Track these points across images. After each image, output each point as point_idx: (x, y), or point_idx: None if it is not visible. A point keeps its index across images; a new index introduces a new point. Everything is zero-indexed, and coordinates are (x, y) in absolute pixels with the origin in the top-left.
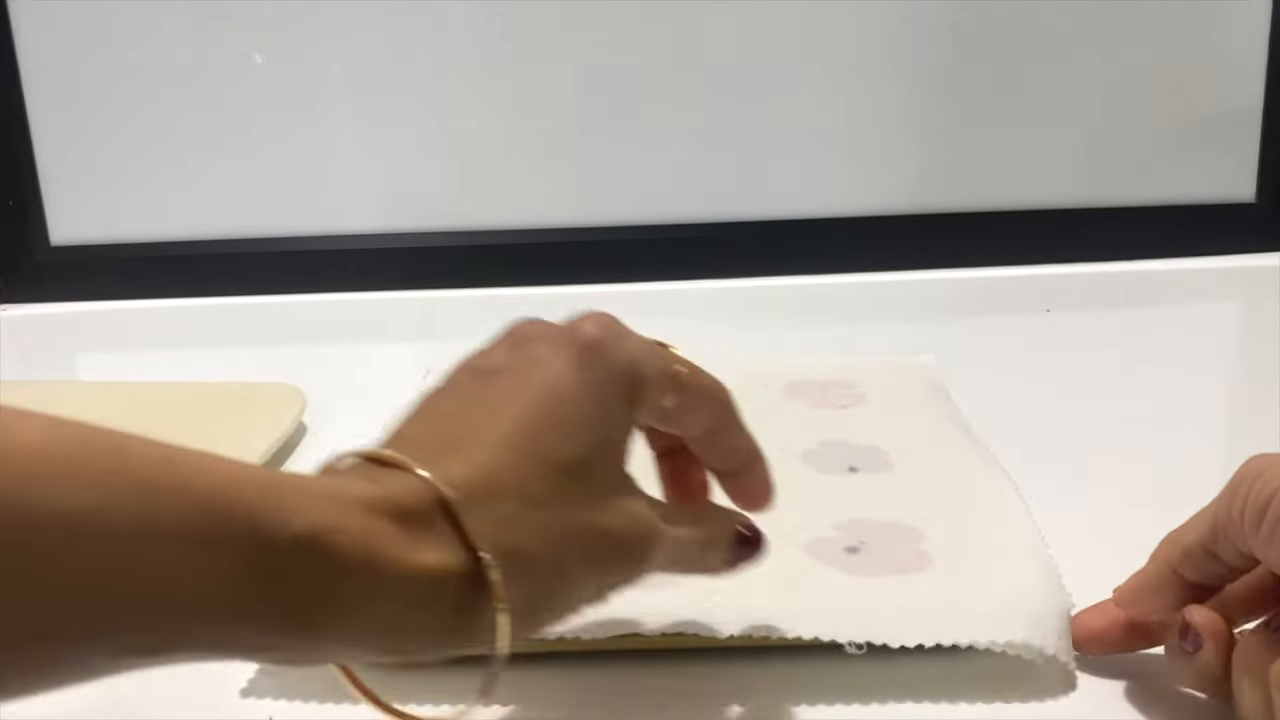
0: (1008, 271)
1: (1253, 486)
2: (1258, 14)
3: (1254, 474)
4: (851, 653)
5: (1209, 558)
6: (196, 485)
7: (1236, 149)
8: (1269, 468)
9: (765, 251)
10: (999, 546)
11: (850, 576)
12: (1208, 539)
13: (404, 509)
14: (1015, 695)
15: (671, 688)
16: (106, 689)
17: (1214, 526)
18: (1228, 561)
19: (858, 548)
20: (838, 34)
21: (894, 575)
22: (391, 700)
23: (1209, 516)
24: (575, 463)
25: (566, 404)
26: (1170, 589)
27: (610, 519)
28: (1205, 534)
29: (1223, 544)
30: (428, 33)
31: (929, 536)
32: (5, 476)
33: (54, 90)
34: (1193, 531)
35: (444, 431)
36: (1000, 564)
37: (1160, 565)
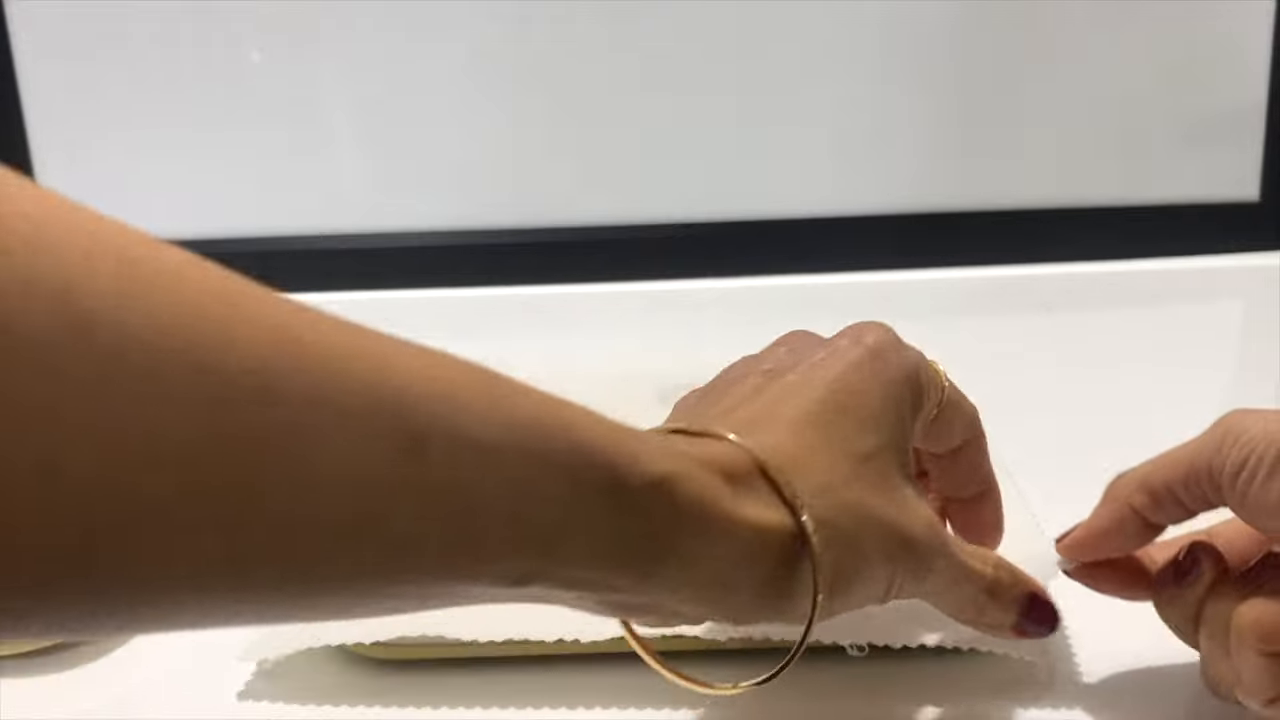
0: (1008, 271)
1: (1235, 442)
2: (1261, 11)
3: (1237, 429)
4: (852, 654)
5: (1174, 502)
6: (571, 425)
7: (1240, 148)
8: (1249, 424)
9: (765, 251)
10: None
11: None
12: (1178, 485)
13: (727, 468)
14: (1015, 697)
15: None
16: (107, 689)
17: (1188, 475)
18: (1191, 507)
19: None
20: (838, 34)
21: None
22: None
23: (1184, 463)
24: (870, 454)
25: (859, 397)
26: (1131, 530)
27: (902, 515)
28: (1177, 479)
29: (1192, 492)
30: (427, 32)
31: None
32: (431, 404)
33: (50, 90)
34: (1162, 475)
35: (738, 416)
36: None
37: (1120, 507)
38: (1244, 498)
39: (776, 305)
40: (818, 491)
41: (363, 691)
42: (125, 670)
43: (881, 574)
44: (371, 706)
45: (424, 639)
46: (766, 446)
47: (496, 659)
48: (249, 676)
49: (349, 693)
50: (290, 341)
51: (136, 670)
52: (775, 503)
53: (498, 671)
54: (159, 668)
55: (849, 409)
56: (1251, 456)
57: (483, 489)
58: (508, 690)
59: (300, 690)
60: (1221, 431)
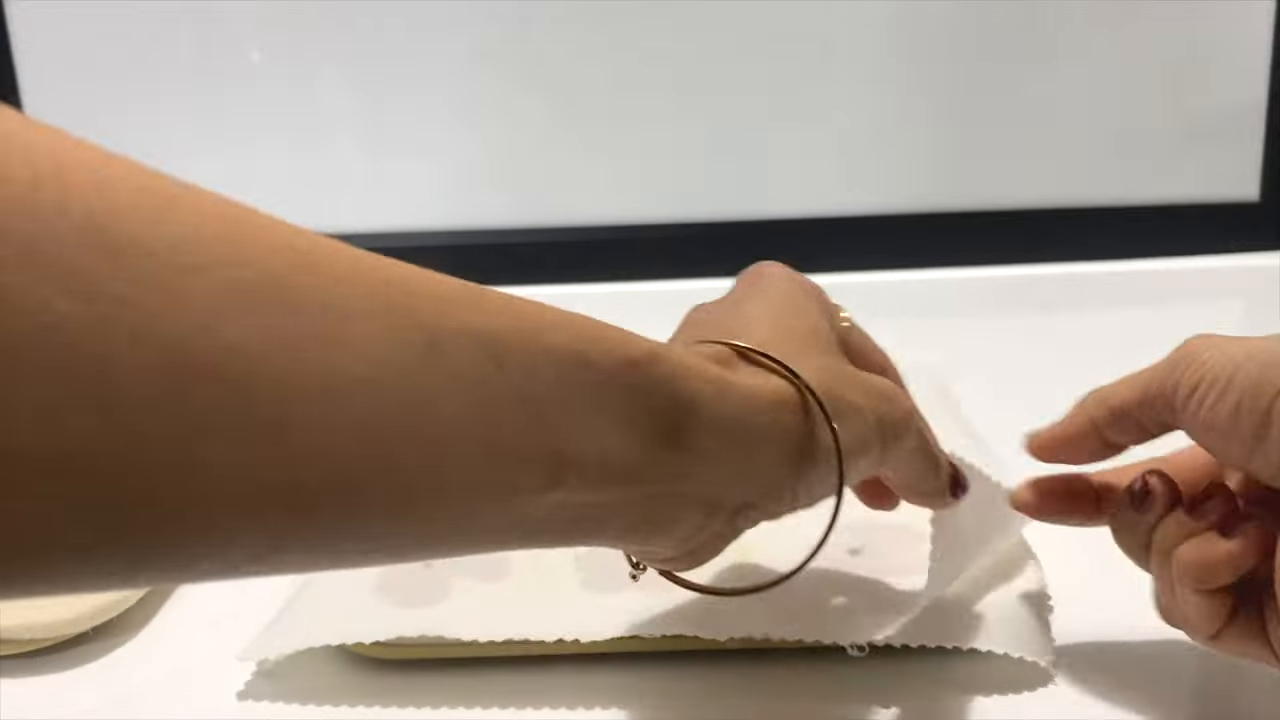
0: (1008, 271)
1: (1190, 365)
2: (1261, 11)
3: (1194, 352)
4: (852, 654)
5: (1132, 422)
6: (575, 321)
7: (1240, 147)
8: (1206, 348)
9: (765, 251)
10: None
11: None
12: (1134, 405)
13: (713, 356)
14: (1015, 697)
15: (671, 688)
16: (107, 689)
17: (1145, 395)
18: (1148, 428)
19: (860, 549)
20: (838, 35)
21: (895, 577)
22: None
23: (1140, 384)
24: (830, 339)
25: (804, 302)
26: (1088, 443)
27: (872, 377)
28: (1133, 400)
29: (1148, 413)
30: (427, 32)
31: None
32: (436, 304)
33: (50, 91)
34: (1121, 393)
35: (714, 329)
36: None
37: (1083, 420)
38: (1195, 419)
39: None
40: (802, 363)
41: (363, 691)
42: (125, 670)
43: (874, 433)
44: (371, 706)
45: (424, 639)
46: (747, 340)
47: (496, 659)
48: (249, 676)
49: (349, 693)
50: (300, 254)
51: (136, 670)
52: (769, 375)
53: (498, 671)
54: (159, 668)
55: (801, 309)
56: (1205, 379)
57: (503, 380)
58: (508, 690)
59: (300, 690)
60: (1179, 355)
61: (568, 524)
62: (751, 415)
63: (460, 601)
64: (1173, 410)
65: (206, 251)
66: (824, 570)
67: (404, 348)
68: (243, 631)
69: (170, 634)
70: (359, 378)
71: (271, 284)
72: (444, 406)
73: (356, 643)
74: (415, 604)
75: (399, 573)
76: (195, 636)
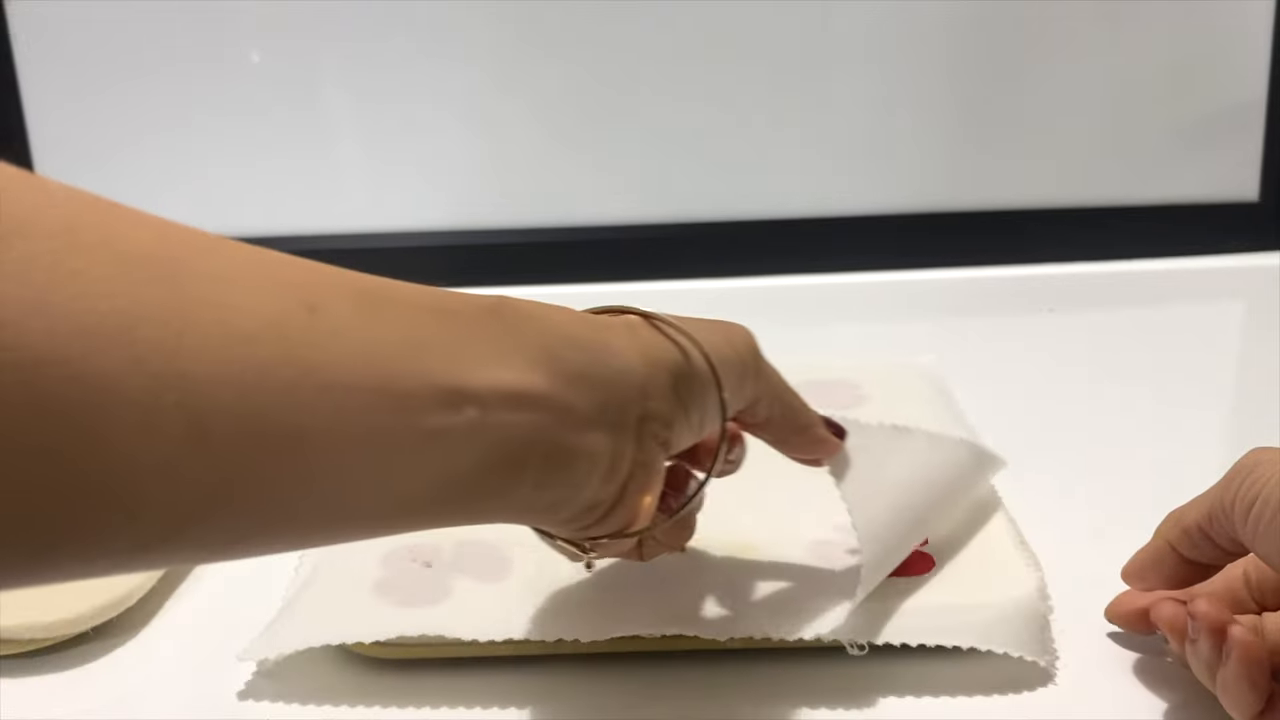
0: (1008, 271)
1: (1245, 480)
2: (1261, 11)
3: (1249, 467)
4: (852, 653)
5: (1205, 539)
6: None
7: (1239, 147)
8: (1262, 462)
9: (765, 251)
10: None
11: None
12: (1204, 522)
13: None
14: (1015, 697)
15: (672, 688)
16: (107, 689)
17: (1210, 512)
18: (1223, 546)
19: (859, 550)
20: (838, 35)
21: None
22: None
23: (1207, 501)
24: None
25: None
26: (1168, 565)
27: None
28: (1202, 517)
29: (1217, 529)
30: (427, 32)
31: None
32: (311, 275)
33: (51, 91)
34: (1192, 513)
35: None
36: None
37: (1160, 542)
38: (1255, 534)
39: (777, 305)
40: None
41: (363, 691)
42: (125, 670)
43: (741, 363)
44: (371, 706)
45: (424, 639)
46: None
47: (496, 659)
48: (249, 676)
49: (349, 693)
50: (183, 239)
51: (136, 670)
52: (657, 333)
53: (498, 671)
54: (159, 668)
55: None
56: (1260, 495)
57: (380, 327)
58: (508, 690)
59: (300, 690)
60: (1235, 471)
61: (482, 469)
62: (615, 337)
63: (460, 601)
64: (1234, 525)
65: (94, 232)
66: (825, 570)
67: (288, 308)
68: (243, 631)
69: (170, 634)
70: (249, 335)
71: (165, 259)
72: (327, 354)
73: (356, 643)
74: (415, 604)
75: (399, 573)
76: (195, 636)
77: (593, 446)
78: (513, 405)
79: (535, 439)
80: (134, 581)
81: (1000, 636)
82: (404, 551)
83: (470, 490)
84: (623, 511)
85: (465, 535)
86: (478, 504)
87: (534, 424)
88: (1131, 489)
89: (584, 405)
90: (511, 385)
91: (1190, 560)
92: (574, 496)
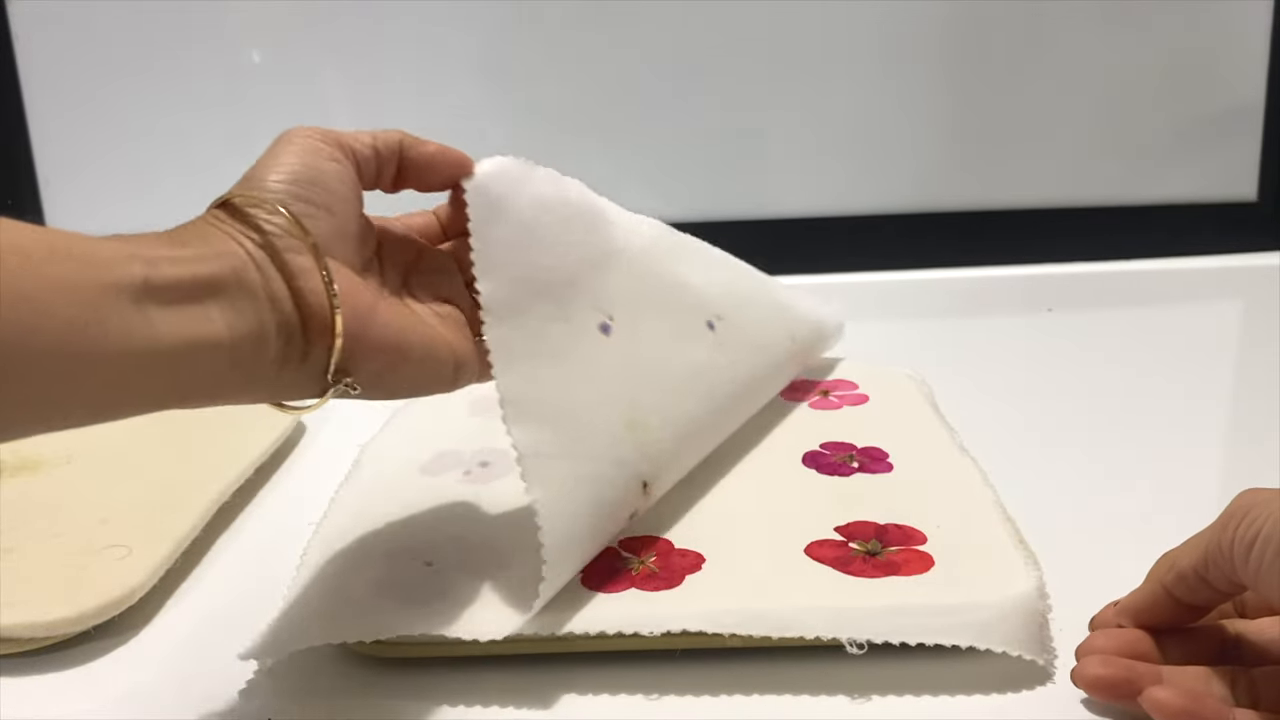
0: (1008, 271)
1: (1242, 521)
2: (1260, 11)
3: (1244, 509)
4: (852, 651)
5: (1202, 583)
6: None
7: (1238, 148)
8: (1257, 504)
9: (765, 251)
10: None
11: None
12: (1199, 565)
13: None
14: (1015, 697)
15: (672, 688)
16: (107, 689)
17: (1205, 555)
18: (1219, 588)
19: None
20: (838, 35)
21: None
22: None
23: (1202, 544)
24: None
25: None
26: (1164, 608)
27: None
28: (1198, 560)
29: (1214, 571)
30: (427, 33)
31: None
32: None
33: (53, 91)
34: (1186, 556)
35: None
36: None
37: (1155, 585)
38: (1257, 574)
39: None
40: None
41: (363, 691)
42: (125, 670)
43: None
44: (372, 706)
45: (424, 639)
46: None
47: (496, 658)
48: (249, 676)
49: (349, 693)
50: None
51: (136, 670)
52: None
53: (498, 671)
54: (159, 667)
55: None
56: (1260, 535)
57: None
58: (508, 690)
59: (300, 690)
60: (1229, 513)
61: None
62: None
63: (460, 601)
64: (1234, 568)
65: None
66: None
67: None
68: (243, 631)
69: (170, 634)
70: None
71: None
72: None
73: (357, 642)
74: (415, 602)
75: (400, 571)
76: (195, 636)
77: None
78: (190, 272)
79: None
80: (134, 581)
81: (999, 635)
82: (405, 551)
83: (194, 357)
84: (369, 312)
85: (466, 535)
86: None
87: (209, 272)
88: (1130, 488)
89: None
90: (180, 255)
91: (1184, 603)
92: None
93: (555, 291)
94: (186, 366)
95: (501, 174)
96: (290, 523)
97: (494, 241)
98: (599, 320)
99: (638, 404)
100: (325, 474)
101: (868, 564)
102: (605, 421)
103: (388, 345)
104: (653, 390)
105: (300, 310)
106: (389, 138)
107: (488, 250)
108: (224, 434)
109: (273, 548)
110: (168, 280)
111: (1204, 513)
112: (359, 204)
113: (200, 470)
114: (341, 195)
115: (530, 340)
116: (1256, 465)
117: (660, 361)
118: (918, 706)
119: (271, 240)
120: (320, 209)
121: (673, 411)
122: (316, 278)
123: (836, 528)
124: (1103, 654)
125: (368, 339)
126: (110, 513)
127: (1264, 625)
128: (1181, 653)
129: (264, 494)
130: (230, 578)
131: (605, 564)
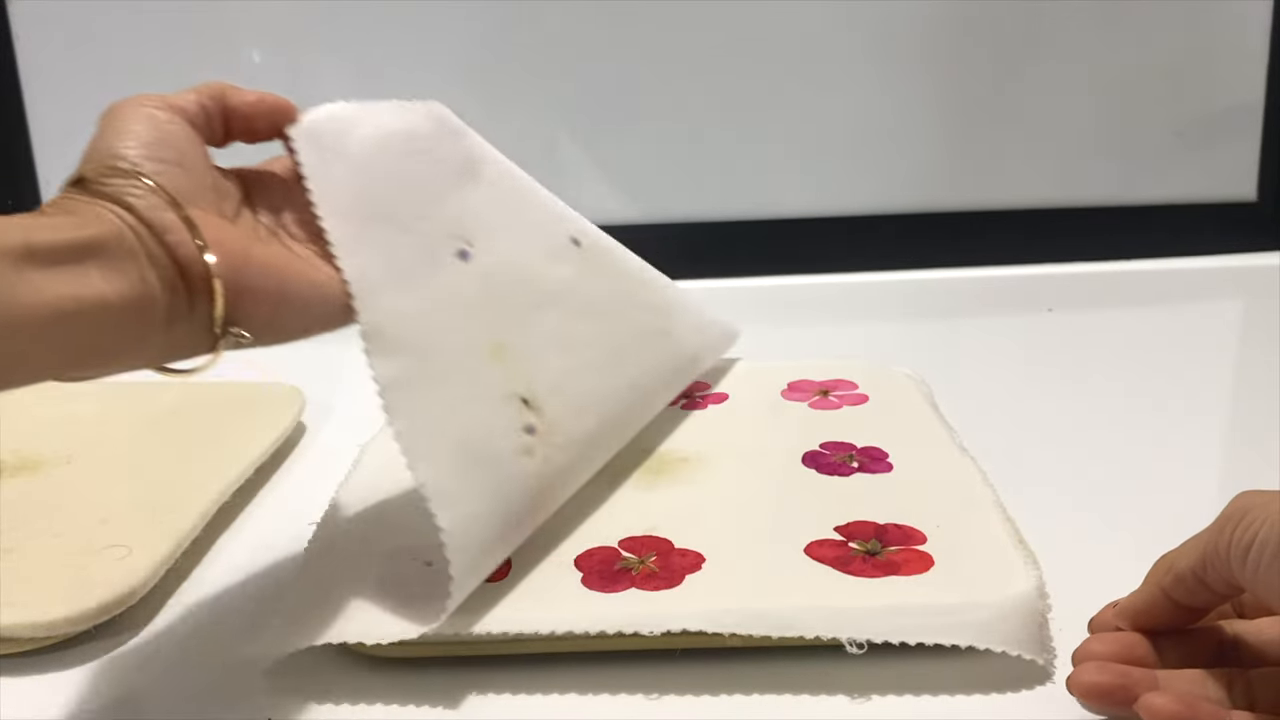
0: (1008, 271)
1: (1239, 524)
2: (1260, 11)
3: (1242, 510)
4: (851, 651)
5: (1200, 585)
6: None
7: (1237, 148)
8: (1255, 505)
9: (766, 251)
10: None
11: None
12: (1197, 567)
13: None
14: (1015, 697)
15: (672, 688)
16: (107, 689)
17: (1203, 557)
18: (1217, 589)
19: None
20: (838, 35)
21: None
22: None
23: (1199, 546)
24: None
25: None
26: (1162, 610)
27: None
28: (1195, 562)
29: (1211, 574)
30: (427, 33)
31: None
32: None
33: (53, 91)
34: (1184, 558)
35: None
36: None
37: (1152, 588)
38: (1255, 576)
39: (776, 305)
40: None
41: (363, 691)
42: (125, 670)
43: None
44: (372, 706)
45: (424, 638)
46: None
47: (497, 658)
48: (250, 676)
49: (349, 693)
50: None
51: (137, 670)
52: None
53: (498, 671)
54: (160, 667)
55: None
56: (1258, 537)
57: None
58: (507, 690)
59: (300, 690)
60: (1227, 515)
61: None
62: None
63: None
64: (1231, 570)
65: None
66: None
67: None
68: (243, 631)
69: (171, 633)
70: None
71: None
72: None
73: (357, 642)
74: (416, 602)
75: (400, 571)
76: (196, 635)
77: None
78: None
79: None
80: (135, 580)
81: (999, 635)
82: (405, 551)
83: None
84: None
85: None
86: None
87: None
88: (1130, 488)
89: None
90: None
91: (1182, 606)
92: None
93: (404, 224)
94: (75, 328)
95: (329, 118)
96: (290, 523)
97: (330, 181)
98: (456, 247)
99: (501, 326)
100: (325, 474)
101: (867, 564)
102: (469, 345)
103: (270, 288)
104: (517, 310)
105: (177, 265)
106: (211, 89)
107: (325, 191)
108: (224, 434)
109: (273, 548)
110: (47, 243)
111: (1203, 513)
112: (207, 157)
113: (200, 470)
114: (188, 151)
115: (385, 274)
116: (1256, 466)
117: (524, 283)
118: (918, 706)
119: (133, 203)
120: (173, 165)
121: (540, 328)
122: (184, 231)
123: (836, 527)
124: (1098, 660)
125: (247, 284)
126: (110, 513)
127: (1262, 626)
128: (1179, 654)
129: (264, 494)
130: (230, 578)
131: (605, 564)
